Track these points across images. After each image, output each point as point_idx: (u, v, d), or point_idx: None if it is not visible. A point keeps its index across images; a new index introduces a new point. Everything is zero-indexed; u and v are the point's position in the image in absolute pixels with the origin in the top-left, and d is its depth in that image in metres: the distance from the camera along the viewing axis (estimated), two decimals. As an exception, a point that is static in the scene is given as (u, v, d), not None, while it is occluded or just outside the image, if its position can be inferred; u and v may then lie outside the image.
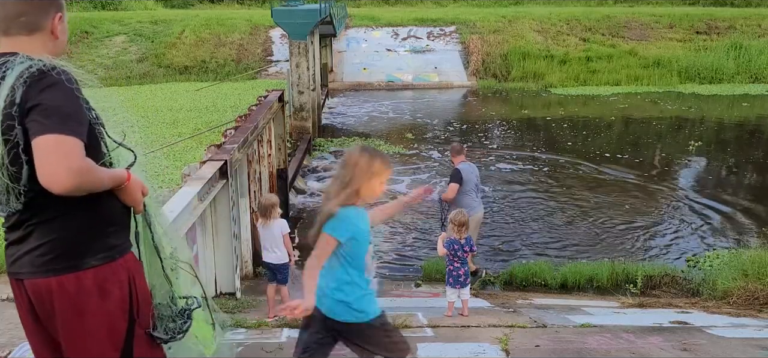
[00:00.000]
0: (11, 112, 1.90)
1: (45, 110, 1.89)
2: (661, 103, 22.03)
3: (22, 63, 1.95)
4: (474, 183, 7.19)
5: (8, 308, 6.26)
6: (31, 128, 1.90)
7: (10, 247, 2.11)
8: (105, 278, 2.08)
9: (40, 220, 2.03)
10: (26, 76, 1.92)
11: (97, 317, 2.06)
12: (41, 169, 1.88)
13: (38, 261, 2.03)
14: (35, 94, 1.91)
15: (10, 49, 2.04)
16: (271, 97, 10.14)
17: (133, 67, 25.93)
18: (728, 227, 10.14)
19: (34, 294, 2.06)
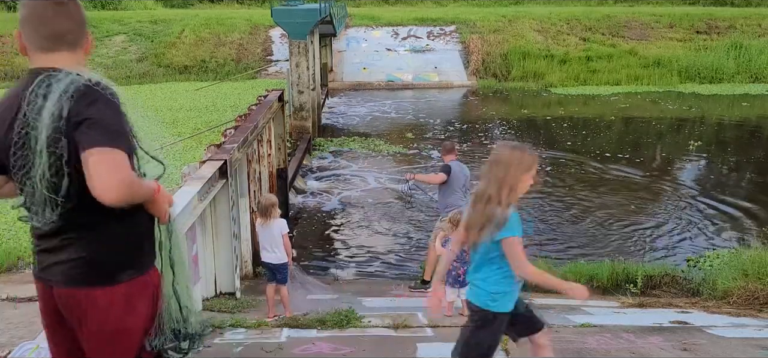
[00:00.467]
0: (59, 126, 1.96)
1: (94, 124, 1.97)
2: (661, 103, 22.03)
3: (67, 77, 2.02)
4: (462, 183, 7.15)
5: (8, 307, 6.26)
6: (80, 141, 1.96)
7: (41, 253, 2.18)
8: (133, 294, 2.18)
9: (77, 234, 2.11)
10: (72, 91, 1.99)
11: (122, 330, 2.16)
12: (94, 180, 1.94)
13: (72, 273, 2.11)
14: (83, 109, 1.98)
15: (51, 65, 2.09)
16: (270, 97, 10.14)
17: (132, 67, 25.92)
18: (728, 226, 10.14)
19: (63, 302, 2.15)
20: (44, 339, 2.92)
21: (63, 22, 2.13)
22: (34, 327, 5.25)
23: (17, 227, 9.32)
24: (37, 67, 2.11)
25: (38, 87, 2.01)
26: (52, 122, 1.96)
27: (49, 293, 2.18)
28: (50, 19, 2.11)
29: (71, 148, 1.98)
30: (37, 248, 2.20)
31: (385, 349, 4.76)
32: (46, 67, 2.08)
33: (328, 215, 11.00)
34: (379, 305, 6.55)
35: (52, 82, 2.01)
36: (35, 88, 2.01)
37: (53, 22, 2.11)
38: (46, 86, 2.01)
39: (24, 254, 8.45)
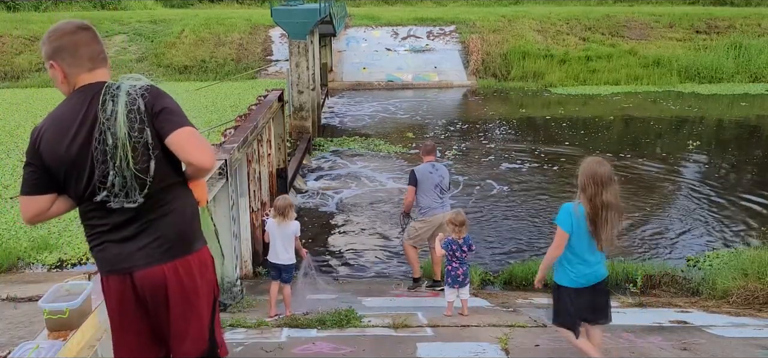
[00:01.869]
0: (142, 117, 2.35)
1: (172, 111, 2.39)
2: (661, 103, 22.03)
3: (123, 83, 2.43)
4: (435, 183, 7.13)
5: (8, 308, 6.26)
6: (164, 126, 2.36)
7: (118, 244, 2.43)
8: (202, 260, 2.57)
9: (155, 215, 2.43)
10: (139, 90, 2.39)
11: (200, 291, 2.52)
12: (191, 152, 2.35)
13: (156, 252, 2.43)
14: (158, 102, 2.39)
15: (98, 79, 2.50)
16: (270, 97, 10.14)
17: (132, 67, 25.91)
18: (728, 226, 10.14)
19: (146, 282, 2.43)
20: (44, 339, 2.95)
21: (96, 44, 2.56)
22: (34, 327, 5.25)
23: (17, 227, 9.33)
24: (85, 85, 2.47)
25: (106, 95, 2.39)
26: (133, 115, 2.34)
27: (127, 280, 2.44)
28: (87, 44, 2.51)
29: (154, 135, 2.36)
30: (111, 240, 2.43)
31: (385, 349, 4.76)
32: (97, 82, 2.47)
33: (328, 214, 11.01)
34: (379, 304, 6.55)
35: (116, 90, 2.40)
36: (104, 97, 2.39)
37: (90, 45, 2.52)
38: (112, 94, 2.39)
39: (24, 255, 8.45)
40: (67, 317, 3.06)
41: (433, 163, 7.29)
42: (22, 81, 24.58)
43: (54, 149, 2.41)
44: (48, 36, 2.48)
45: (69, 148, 2.39)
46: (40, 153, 2.43)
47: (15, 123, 16.64)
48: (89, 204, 2.46)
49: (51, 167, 2.42)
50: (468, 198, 11.64)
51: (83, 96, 2.43)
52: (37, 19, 29.51)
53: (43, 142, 2.44)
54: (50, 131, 2.44)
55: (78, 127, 2.38)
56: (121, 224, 2.41)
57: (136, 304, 2.47)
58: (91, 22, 2.66)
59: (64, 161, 2.39)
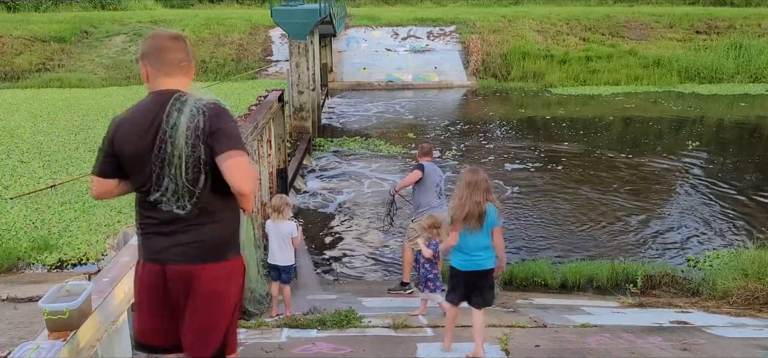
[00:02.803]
0: (198, 134, 2.53)
1: (228, 134, 2.57)
2: (661, 103, 22.04)
3: (192, 98, 2.61)
4: (436, 183, 7.16)
5: (8, 308, 6.26)
6: (217, 147, 2.54)
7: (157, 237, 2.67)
8: (233, 269, 2.76)
9: (198, 221, 2.65)
10: (203, 108, 2.57)
11: (225, 297, 2.71)
12: (235, 176, 2.53)
13: (191, 253, 2.65)
14: (217, 122, 2.57)
15: (172, 87, 2.70)
16: (270, 97, 10.14)
17: (132, 67, 25.91)
18: (728, 226, 10.14)
19: (176, 276, 2.66)
20: (44, 339, 2.95)
21: (179, 53, 2.74)
22: (34, 328, 5.25)
23: (17, 227, 9.33)
24: (161, 89, 2.69)
25: (173, 106, 2.59)
26: (190, 132, 2.53)
27: (160, 271, 2.68)
28: (171, 51, 2.72)
29: (207, 152, 2.54)
30: (156, 233, 2.67)
31: (385, 349, 4.76)
32: (170, 89, 2.67)
33: (328, 215, 11.01)
34: (379, 305, 6.55)
35: (183, 102, 2.59)
36: (170, 107, 2.59)
37: (173, 53, 2.72)
38: (179, 105, 2.59)
39: (24, 255, 8.45)
40: (67, 318, 3.06)
41: (433, 164, 7.31)
42: (22, 81, 24.57)
43: (124, 143, 2.68)
44: (145, 38, 2.81)
45: (136, 145, 2.64)
46: (113, 142, 2.72)
47: (15, 123, 16.64)
48: (143, 196, 2.71)
49: (119, 157, 2.70)
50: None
51: (156, 100, 2.67)
52: (37, 20, 29.51)
53: (117, 134, 2.71)
54: (124, 126, 2.71)
55: (147, 129, 2.62)
56: (167, 221, 2.65)
57: (164, 293, 2.71)
58: (181, 33, 2.91)
59: (130, 155, 2.66)
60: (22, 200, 10.46)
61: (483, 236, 4.47)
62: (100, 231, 9.20)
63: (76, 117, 17.50)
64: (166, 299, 2.72)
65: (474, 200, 4.42)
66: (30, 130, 15.77)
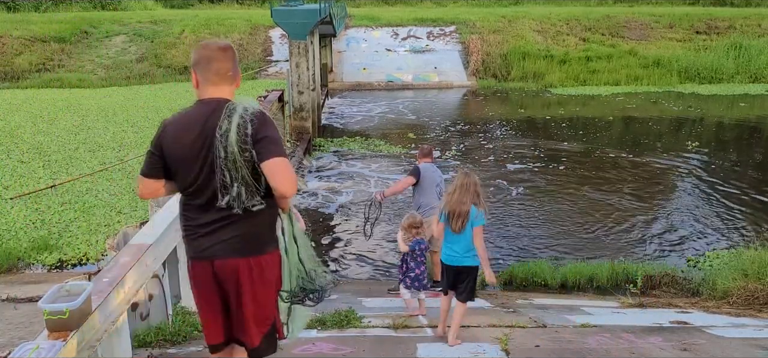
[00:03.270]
0: (246, 139, 2.73)
1: (272, 140, 2.77)
2: (661, 103, 22.04)
3: (240, 106, 2.81)
4: (435, 183, 7.16)
5: (7, 308, 6.26)
6: (262, 152, 2.74)
7: (204, 237, 2.88)
8: (272, 261, 3.00)
9: (239, 218, 2.84)
10: (250, 116, 2.77)
11: (269, 285, 2.98)
12: (278, 179, 2.74)
13: (233, 248, 2.86)
14: (263, 129, 2.76)
15: (218, 95, 2.89)
16: (270, 97, 10.15)
17: (132, 67, 25.93)
18: (728, 226, 10.14)
19: (223, 270, 2.88)
20: (44, 340, 2.96)
21: (226, 63, 2.92)
22: (33, 328, 5.25)
23: (17, 227, 9.33)
24: (208, 97, 2.89)
25: (225, 114, 2.78)
26: (239, 137, 2.73)
27: (208, 266, 2.90)
28: (218, 61, 2.90)
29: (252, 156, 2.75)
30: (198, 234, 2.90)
31: (385, 349, 4.76)
32: (216, 98, 2.87)
33: (328, 215, 11.01)
34: (379, 305, 6.55)
35: (232, 110, 2.79)
36: (223, 115, 2.78)
37: (220, 63, 2.91)
38: (228, 113, 2.78)
39: (24, 255, 8.45)
40: (67, 318, 3.06)
41: (432, 165, 7.31)
42: (22, 81, 24.58)
43: (172, 146, 2.85)
44: (195, 47, 2.99)
45: (184, 149, 2.82)
46: (161, 145, 2.89)
47: (15, 124, 16.64)
48: (188, 198, 2.92)
49: (167, 159, 2.88)
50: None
51: (205, 108, 2.85)
52: (37, 20, 29.51)
53: (165, 137, 2.88)
54: (173, 130, 2.88)
55: (197, 134, 2.80)
56: (210, 222, 2.86)
57: (215, 285, 2.94)
58: (228, 44, 3.05)
59: (178, 158, 2.84)
60: (22, 200, 10.46)
61: (465, 235, 4.78)
62: (99, 231, 9.21)
63: (76, 117, 17.51)
64: (219, 292, 2.96)
65: (460, 200, 4.75)
66: (30, 131, 15.77)
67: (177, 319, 5.04)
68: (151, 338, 4.62)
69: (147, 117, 17.42)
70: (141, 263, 4.15)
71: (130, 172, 11.99)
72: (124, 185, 11.19)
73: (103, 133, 15.34)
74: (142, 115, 17.67)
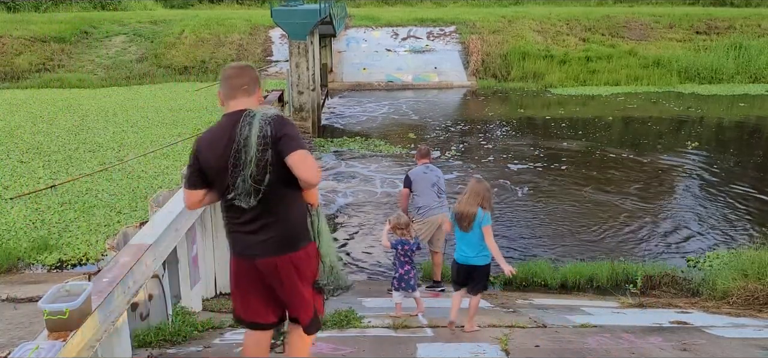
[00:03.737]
0: (265, 141, 3.02)
1: (291, 137, 3.05)
2: (661, 103, 22.04)
3: (259, 112, 3.11)
4: (432, 183, 7.16)
5: (7, 308, 6.26)
6: (284, 149, 3.01)
7: (245, 236, 3.21)
8: (307, 254, 3.30)
9: (272, 219, 3.16)
10: (269, 119, 3.06)
11: (305, 277, 3.29)
12: (302, 171, 2.99)
13: (270, 248, 3.19)
14: (281, 129, 3.05)
15: (238, 108, 3.20)
16: (270, 98, 10.15)
17: (132, 67, 25.92)
18: (728, 227, 10.15)
19: (264, 267, 3.23)
20: (44, 340, 2.96)
21: (241, 79, 3.26)
22: (33, 328, 5.25)
23: (17, 227, 9.33)
24: (231, 111, 3.21)
25: (244, 122, 3.09)
26: (260, 140, 3.02)
27: (251, 264, 3.24)
28: (234, 77, 3.27)
29: (274, 155, 3.02)
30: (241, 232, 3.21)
31: (385, 349, 4.76)
32: (237, 110, 3.18)
33: (328, 215, 11.01)
34: (379, 305, 6.55)
35: (252, 117, 3.08)
36: (242, 124, 3.08)
37: (236, 79, 3.26)
38: (248, 120, 3.08)
39: (24, 255, 8.45)
40: (67, 318, 3.06)
41: (428, 165, 7.31)
42: (22, 81, 24.57)
43: (206, 158, 3.20)
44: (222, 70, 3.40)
45: (216, 159, 3.15)
46: (198, 159, 3.24)
47: (15, 124, 16.64)
48: (227, 201, 3.22)
49: (204, 170, 3.22)
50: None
51: (229, 120, 3.18)
52: (37, 20, 29.51)
53: (200, 151, 3.24)
54: (205, 143, 3.24)
55: (224, 145, 3.12)
56: (247, 221, 3.18)
57: (258, 280, 3.28)
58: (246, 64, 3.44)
59: (213, 168, 3.18)
60: (21, 200, 10.46)
61: (473, 236, 5.18)
62: (99, 231, 9.21)
63: (75, 117, 17.51)
64: (263, 284, 3.29)
65: (468, 202, 5.19)
66: (30, 131, 15.77)
67: (177, 319, 5.05)
68: (151, 338, 4.62)
69: (147, 117, 17.42)
70: (141, 263, 4.15)
71: (129, 172, 11.99)
72: (124, 185, 11.19)
73: (102, 134, 15.35)
74: (142, 116, 17.67)
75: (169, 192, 5.74)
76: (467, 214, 5.16)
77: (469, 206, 5.18)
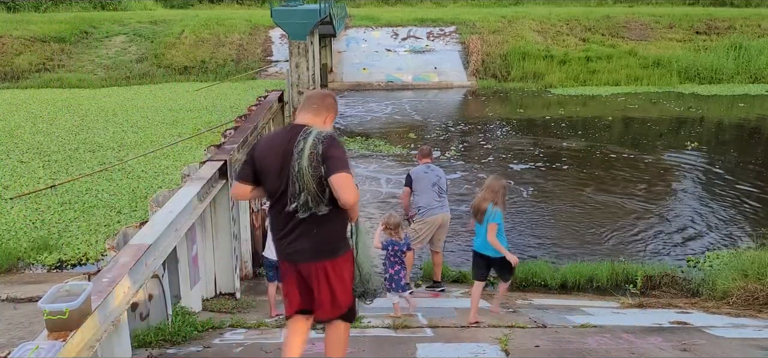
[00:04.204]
0: (318, 157, 3.30)
1: (337, 158, 3.31)
2: (661, 104, 22.04)
3: (314, 130, 3.40)
4: (432, 182, 7.16)
5: (7, 308, 6.26)
6: (330, 168, 3.28)
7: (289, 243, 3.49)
8: (345, 261, 3.59)
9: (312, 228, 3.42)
10: (321, 138, 3.35)
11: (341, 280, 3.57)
12: (342, 191, 3.26)
13: (310, 255, 3.47)
14: (329, 150, 3.32)
15: (302, 122, 3.52)
16: (270, 98, 10.16)
17: (132, 68, 25.93)
18: (728, 227, 10.15)
19: (305, 270, 3.52)
20: (44, 340, 2.96)
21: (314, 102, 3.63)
22: (33, 328, 5.25)
23: (17, 227, 9.33)
24: (295, 123, 3.55)
25: (301, 135, 3.37)
26: (312, 156, 3.30)
27: (294, 266, 3.55)
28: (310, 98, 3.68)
29: (324, 172, 3.29)
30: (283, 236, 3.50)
31: (384, 349, 4.76)
32: (300, 123, 3.50)
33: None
34: (379, 305, 6.55)
35: (307, 134, 3.38)
36: (299, 137, 3.37)
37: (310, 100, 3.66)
38: (304, 135, 3.37)
39: (24, 255, 8.45)
40: (67, 318, 3.06)
41: (429, 165, 7.31)
42: (22, 81, 24.58)
43: (262, 158, 3.49)
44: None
45: (269, 161, 3.45)
46: (254, 157, 3.54)
47: (15, 123, 16.65)
48: (274, 204, 3.52)
49: (256, 169, 3.50)
50: (467, 199, 11.65)
51: (289, 131, 3.50)
52: (37, 20, 29.51)
53: (258, 150, 3.56)
54: (263, 145, 3.58)
55: (282, 152, 3.40)
56: (290, 229, 3.46)
57: (300, 279, 3.58)
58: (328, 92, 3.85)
59: (265, 169, 3.46)
60: (21, 200, 10.46)
61: (484, 228, 5.66)
62: (99, 231, 9.21)
63: (75, 117, 17.51)
64: (304, 282, 3.60)
65: (482, 197, 5.69)
66: (30, 131, 15.77)
67: (177, 319, 5.05)
68: (150, 338, 4.62)
69: (147, 117, 17.42)
70: (141, 263, 4.15)
71: (129, 172, 11.99)
72: (124, 185, 11.19)
73: (102, 134, 15.34)
74: (141, 116, 17.67)
75: (169, 192, 5.73)
76: (480, 208, 5.64)
77: (482, 200, 5.66)
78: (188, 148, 13.74)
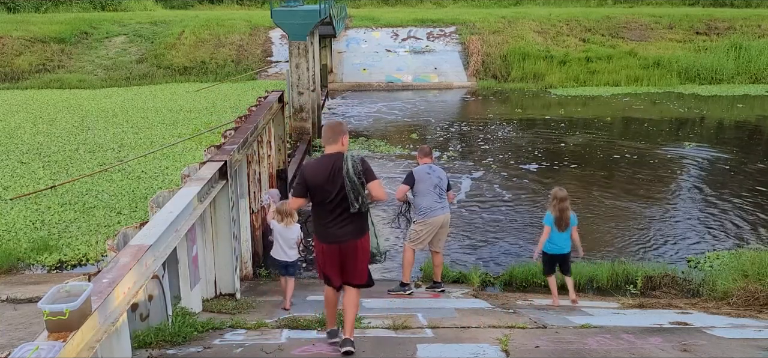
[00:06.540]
0: (358, 172, 4.72)
1: (369, 171, 4.80)
2: (661, 104, 22.04)
3: (349, 155, 4.79)
4: (433, 184, 7.13)
5: (7, 309, 6.26)
6: (367, 178, 4.75)
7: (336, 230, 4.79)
8: (367, 238, 4.97)
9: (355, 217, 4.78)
10: (357, 159, 4.80)
11: (366, 252, 4.96)
12: (376, 192, 4.78)
13: (353, 234, 4.81)
14: (364, 166, 4.79)
15: (333, 151, 4.85)
16: (270, 98, 10.15)
17: (132, 68, 25.93)
18: (728, 227, 10.14)
19: (346, 247, 4.82)
20: (44, 340, 2.96)
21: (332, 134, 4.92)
22: (33, 329, 5.25)
23: (17, 228, 9.33)
24: (329, 152, 4.87)
25: (344, 161, 4.73)
26: (356, 172, 4.71)
27: (336, 246, 4.81)
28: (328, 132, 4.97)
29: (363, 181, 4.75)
30: (330, 227, 4.80)
31: (385, 350, 4.76)
32: (333, 152, 4.84)
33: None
34: (379, 305, 6.55)
35: (346, 158, 4.76)
36: (343, 162, 4.73)
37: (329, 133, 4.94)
38: (345, 159, 4.74)
39: (24, 256, 8.45)
40: (67, 319, 3.06)
41: (431, 165, 7.28)
42: (22, 82, 24.57)
43: (312, 180, 4.80)
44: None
45: (319, 180, 4.76)
46: (305, 179, 4.83)
47: (15, 124, 16.65)
48: (321, 207, 4.81)
49: (309, 187, 4.81)
50: (467, 199, 11.64)
51: (328, 158, 4.83)
52: (37, 20, 29.52)
53: (307, 174, 4.84)
54: (311, 169, 4.88)
55: (329, 172, 4.73)
56: (336, 220, 4.78)
57: (339, 256, 4.83)
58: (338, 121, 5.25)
59: (316, 186, 4.78)
60: (21, 201, 10.46)
61: (568, 232, 6.83)
62: (99, 232, 9.21)
63: (75, 118, 17.51)
64: (340, 260, 4.84)
65: (564, 208, 6.77)
66: (30, 131, 15.77)
67: (177, 319, 5.04)
68: (150, 339, 4.62)
69: (147, 118, 17.42)
70: (141, 264, 4.15)
71: (130, 172, 11.99)
72: (124, 186, 11.19)
73: (102, 134, 15.34)
74: (141, 116, 17.67)
75: (169, 192, 5.73)
76: (565, 217, 6.79)
77: (565, 210, 6.80)
78: (188, 149, 13.74)
